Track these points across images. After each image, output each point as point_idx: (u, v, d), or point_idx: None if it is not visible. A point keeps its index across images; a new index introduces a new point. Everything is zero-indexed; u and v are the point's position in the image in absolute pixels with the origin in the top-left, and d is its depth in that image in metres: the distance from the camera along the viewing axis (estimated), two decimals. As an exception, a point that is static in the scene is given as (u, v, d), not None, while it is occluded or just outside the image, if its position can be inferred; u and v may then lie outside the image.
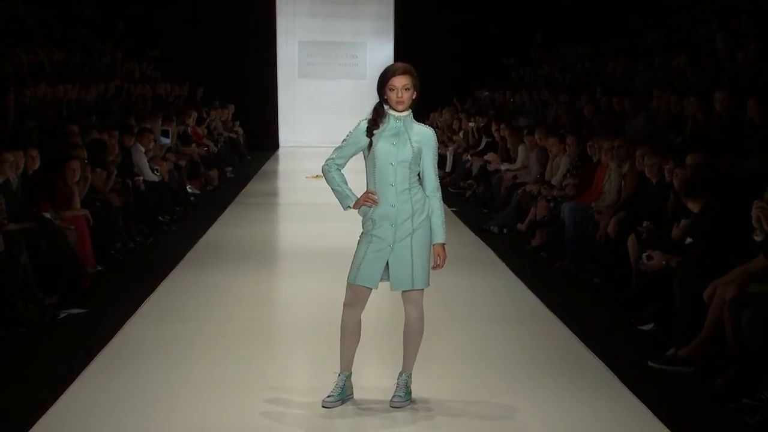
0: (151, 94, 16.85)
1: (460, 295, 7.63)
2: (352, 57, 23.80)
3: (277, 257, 9.95)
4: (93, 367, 5.61)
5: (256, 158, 19.85)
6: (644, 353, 5.97)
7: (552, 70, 17.96)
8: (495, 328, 6.65)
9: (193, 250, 9.46)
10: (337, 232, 10.90)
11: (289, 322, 6.90)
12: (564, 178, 10.20)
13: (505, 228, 10.81)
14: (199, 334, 6.35)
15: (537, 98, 16.18)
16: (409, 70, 4.85)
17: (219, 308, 7.13)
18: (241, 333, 6.42)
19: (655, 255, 6.51)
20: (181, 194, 12.69)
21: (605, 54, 16.14)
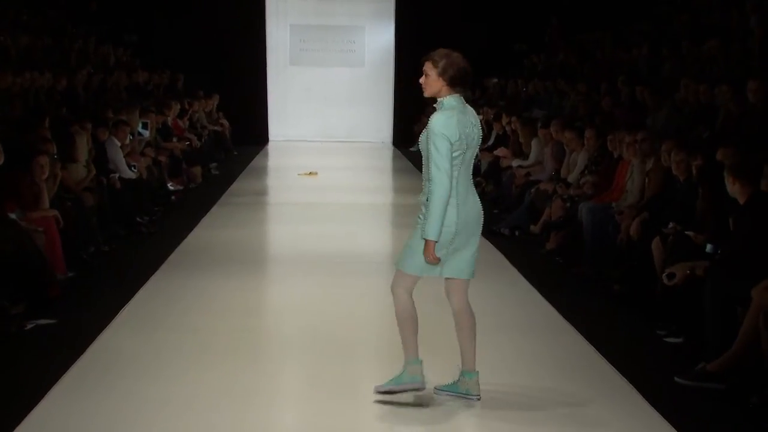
0: (127, 82, 16.85)
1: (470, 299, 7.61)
2: (349, 42, 23.81)
3: (267, 262, 9.94)
4: (63, 383, 5.59)
5: (243, 154, 19.84)
6: (671, 368, 5.96)
7: (569, 57, 17.97)
8: (505, 340, 6.64)
9: (175, 254, 9.45)
10: (333, 234, 10.90)
11: (281, 333, 6.89)
12: (582, 176, 10.20)
13: (517, 230, 10.81)
14: (182, 347, 6.34)
15: (552, 88, 16.18)
16: (430, 56, 5.12)
17: (203, 318, 7.11)
18: (229, 345, 6.41)
19: (677, 270, 6.47)
20: (161, 193, 12.68)
21: (627, 39, 16.15)
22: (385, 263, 9.67)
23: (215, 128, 19.24)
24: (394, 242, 11.09)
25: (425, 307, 5.60)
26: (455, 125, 4.94)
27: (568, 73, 16.68)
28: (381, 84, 23.73)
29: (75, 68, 14.76)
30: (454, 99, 5.04)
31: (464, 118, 5.01)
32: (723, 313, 5.83)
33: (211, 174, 16.35)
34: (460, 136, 4.94)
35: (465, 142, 4.98)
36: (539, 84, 16.95)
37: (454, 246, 5.15)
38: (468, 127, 5.01)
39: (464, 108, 5.06)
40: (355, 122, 23.85)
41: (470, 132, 5.01)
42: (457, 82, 5.02)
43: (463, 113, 5.03)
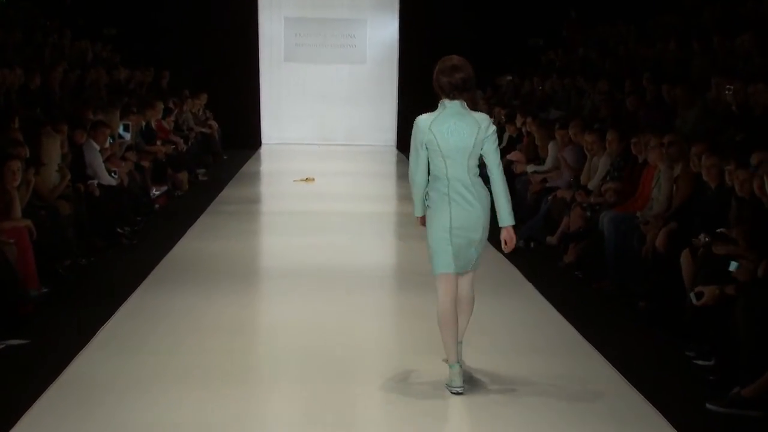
0: (107, 80, 16.86)
1: (479, 322, 7.59)
2: (348, 36, 23.84)
3: (260, 276, 9.94)
4: (35, 410, 5.58)
5: (233, 158, 19.84)
6: (702, 393, 5.95)
7: (588, 53, 17.97)
8: (520, 361, 6.64)
9: (159, 268, 9.45)
10: (331, 246, 10.89)
11: (275, 354, 6.88)
12: (603, 182, 10.18)
13: (533, 241, 10.80)
14: (166, 370, 6.33)
15: (570, 86, 16.17)
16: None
17: (189, 338, 7.11)
18: (217, 367, 6.40)
19: (707, 290, 6.45)
20: (144, 201, 12.68)
21: (653, 33, 16.15)
22: (388, 277, 9.67)
23: (203, 130, 19.25)
24: (398, 255, 11.09)
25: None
26: (428, 127, 5.96)
27: (588, 70, 16.67)
28: (384, 82, 23.74)
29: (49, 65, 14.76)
30: (443, 104, 5.99)
31: (446, 123, 5.94)
32: (758, 333, 5.81)
33: (199, 180, 16.35)
34: (429, 139, 5.96)
35: (437, 145, 5.93)
36: (556, 82, 16.94)
37: (455, 243, 6.02)
38: (445, 132, 5.93)
39: (455, 113, 5.97)
40: (355, 124, 23.86)
41: (446, 138, 5.93)
42: (443, 92, 6.00)
43: (451, 117, 5.95)
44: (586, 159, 10.98)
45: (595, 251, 9.20)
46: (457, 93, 5.98)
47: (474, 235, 6.05)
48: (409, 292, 8.70)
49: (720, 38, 12.76)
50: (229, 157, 19.90)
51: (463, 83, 5.99)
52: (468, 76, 6.02)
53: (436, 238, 6.04)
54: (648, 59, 14.87)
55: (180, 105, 18.20)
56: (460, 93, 5.99)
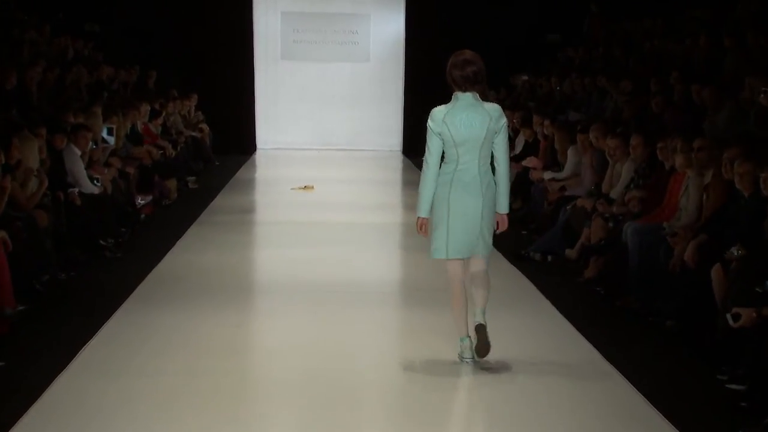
0: (89, 80, 16.89)
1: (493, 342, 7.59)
2: (350, 33, 23.87)
3: (255, 292, 9.93)
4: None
5: (226, 164, 19.86)
6: (734, 420, 5.94)
7: (611, 50, 17.98)
8: (537, 385, 6.62)
9: (145, 284, 9.45)
10: (332, 260, 10.89)
11: (271, 377, 6.88)
12: (627, 190, 10.18)
13: (550, 254, 10.79)
14: (152, 394, 6.33)
15: (591, 86, 16.18)
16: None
17: (178, 359, 7.10)
18: (208, 391, 6.39)
19: (744, 312, 6.44)
20: (129, 211, 12.69)
21: (681, 28, 16.15)
22: (394, 293, 9.66)
23: (193, 134, 19.28)
24: (404, 268, 11.08)
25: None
26: (441, 119, 6.80)
27: (611, 69, 16.68)
28: (388, 82, 23.77)
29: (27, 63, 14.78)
30: (456, 96, 6.85)
31: (460, 115, 6.77)
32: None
33: (189, 188, 16.36)
34: (442, 129, 6.78)
35: (450, 135, 6.77)
36: (576, 81, 16.95)
37: (453, 228, 6.84)
38: (458, 123, 6.76)
39: (468, 105, 6.81)
40: (358, 127, 23.89)
41: (458, 128, 6.76)
42: (455, 85, 6.85)
43: (464, 109, 6.79)
44: (608, 165, 10.98)
45: (617, 265, 9.17)
46: (469, 85, 6.82)
47: (474, 221, 6.85)
48: (416, 309, 8.69)
49: (754, 34, 12.75)
50: (222, 163, 19.92)
51: (475, 76, 6.81)
52: (479, 69, 6.84)
53: (436, 221, 6.91)
54: (676, 57, 14.88)
55: (168, 107, 18.22)
56: (472, 85, 6.83)
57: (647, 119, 12.46)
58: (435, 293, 8.80)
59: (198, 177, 17.40)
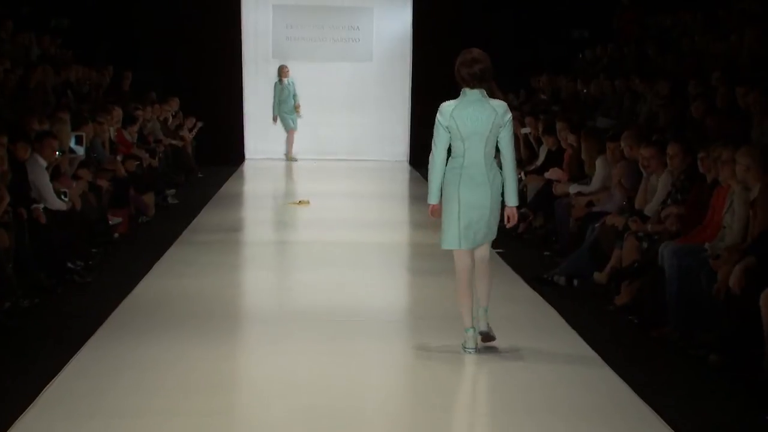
0: (56, 82, 16.91)
1: (512, 376, 7.58)
2: (351, 29, 23.93)
3: (244, 321, 9.91)
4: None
5: (211, 176, 19.87)
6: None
7: (645, 48, 17.99)
8: (563, 427, 6.60)
9: (119, 312, 9.43)
10: (331, 284, 10.88)
11: (263, 417, 6.86)
12: (663, 206, 10.17)
13: (576, 278, 10.78)
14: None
15: (623, 88, 16.18)
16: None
17: (156, 398, 7.08)
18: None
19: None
20: (101, 229, 12.68)
21: (724, 23, 16.16)
22: (400, 322, 9.64)
23: (173, 142, 19.31)
24: (412, 294, 11.06)
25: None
26: (449, 113, 7.99)
27: (645, 69, 16.69)
28: (394, 84, 23.81)
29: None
30: (465, 92, 8.00)
31: (467, 110, 7.96)
32: None
33: (168, 203, 16.36)
34: (450, 123, 7.98)
35: (457, 129, 7.97)
36: (605, 83, 16.96)
37: (464, 220, 7.99)
38: (465, 118, 7.95)
39: (474, 101, 7.96)
40: (359, 135, 23.91)
41: (465, 122, 7.95)
42: (463, 82, 7.99)
43: (471, 104, 7.96)
44: (641, 178, 10.97)
45: (653, 291, 9.16)
46: (477, 83, 7.97)
47: (483, 211, 8.02)
48: (426, 339, 8.65)
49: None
50: (206, 175, 19.93)
51: (482, 74, 7.97)
52: (486, 67, 7.99)
53: (447, 214, 8.07)
54: (718, 55, 14.88)
55: (145, 112, 18.24)
56: (479, 83, 7.98)
57: (686, 126, 12.45)
58: (446, 322, 8.79)
59: (179, 191, 17.41)
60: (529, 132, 16.00)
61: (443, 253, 8.36)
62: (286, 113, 23.47)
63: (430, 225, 13.93)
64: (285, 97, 23.43)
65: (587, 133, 13.28)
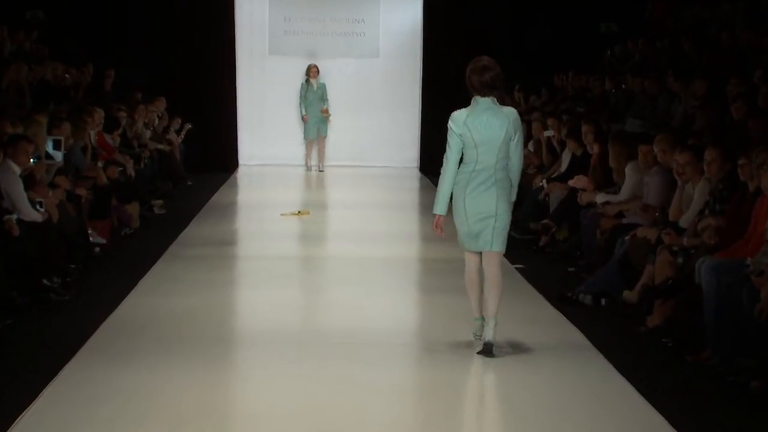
0: (31, 80, 16.93)
1: (534, 403, 7.57)
2: (355, 21, 23.94)
3: (235, 345, 9.90)
4: None
5: (201, 184, 19.87)
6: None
7: (680, 43, 17.98)
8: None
9: (99, 334, 9.43)
10: (331, 304, 10.87)
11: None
12: (700, 218, 10.15)
13: (604, 297, 10.77)
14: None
15: (656, 87, 16.16)
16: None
17: (140, 429, 7.07)
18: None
19: None
20: (80, 243, 12.68)
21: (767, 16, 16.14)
22: (409, 345, 9.62)
23: (160, 147, 19.30)
24: (423, 315, 11.04)
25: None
26: (462, 121, 8.73)
27: (680, 66, 16.68)
28: (402, 83, 23.81)
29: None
30: (476, 100, 8.76)
31: (479, 118, 8.70)
32: None
33: (154, 214, 16.36)
34: (463, 131, 8.72)
35: (471, 137, 8.70)
36: (636, 82, 16.95)
37: (472, 227, 8.79)
38: (479, 126, 8.69)
39: (486, 109, 8.71)
40: (364, 139, 23.89)
41: (479, 130, 8.69)
42: (474, 90, 8.74)
43: (484, 112, 8.70)
44: (676, 186, 10.95)
45: (689, 311, 9.14)
46: (488, 90, 8.74)
47: (489, 220, 8.76)
48: (437, 364, 8.65)
49: None
50: (195, 183, 19.93)
51: (493, 81, 8.73)
52: (497, 74, 8.74)
53: (457, 218, 8.93)
54: (761, 51, 14.86)
55: (129, 114, 18.23)
56: (490, 90, 8.75)
57: (725, 129, 12.43)
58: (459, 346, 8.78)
59: (166, 200, 17.40)
60: (552, 135, 16.00)
61: (456, 268, 8.36)
62: (311, 119, 23.35)
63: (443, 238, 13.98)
64: (311, 100, 23.30)
65: (616, 137, 13.26)
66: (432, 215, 8.94)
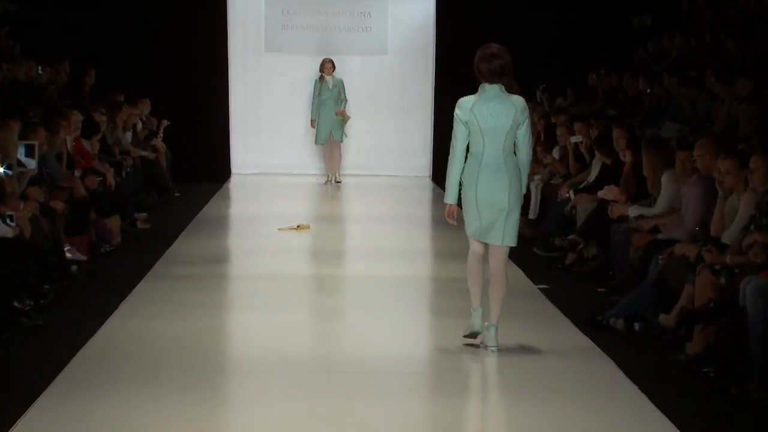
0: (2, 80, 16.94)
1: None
2: (361, 15, 23.99)
3: (227, 374, 9.89)
4: None
5: (190, 195, 19.89)
6: None
7: (721, 38, 17.97)
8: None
9: (76, 362, 9.42)
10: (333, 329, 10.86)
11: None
12: (746, 233, 10.13)
13: (638, 321, 10.75)
14: None
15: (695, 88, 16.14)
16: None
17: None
18: None
19: None
20: (56, 261, 12.67)
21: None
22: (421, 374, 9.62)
23: (144, 154, 19.31)
24: (436, 341, 11.01)
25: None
26: (469, 108, 9.51)
27: (721, 63, 16.67)
28: (413, 83, 23.86)
29: None
30: (484, 87, 9.53)
31: (487, 105, 9.47)
32: None
33: (137, 229, 16.36)
34: (469, 119, 9.51)
35: (477, 124, 9.47)
36: (673, 81, 16.93)
37: (484, 217, 9.51)
38: (485, 113, 9.45)
39: (494, 96, 9.49)
40: (371, 144, 23.92)
41: (486, 118, 9.46)
42: (483, 77, 9.53)
43: (491, 100, 9.47)
44: (718, 198, 10.93)
45: (733, 338, 9.12)
46: (496, 78, 9.50)
47: (500, 213, 9.48)
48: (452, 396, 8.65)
49: None
50: (183, 195, 19.94)
51: (501, 69, 9.48)
52: (506, 62, 9.49)
53: (467, 209, 9.64)
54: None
55: (110, 117, 18.24)
56: (498, 78, 9.50)
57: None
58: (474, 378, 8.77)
59: (150, 213, 17.42)
60: (580, 141, 15.98)
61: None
62: (323, 119, 22.94)
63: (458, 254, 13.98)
64: (326, 100, 22.89)
65: (650, 143, 13.23)
66: (444, 204, 9.80)
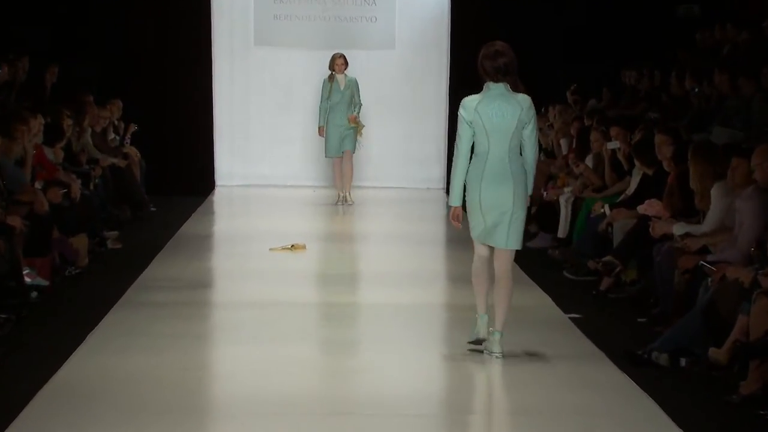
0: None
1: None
2: (365, 5, 24.00)
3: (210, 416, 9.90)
4: None
5: (168, 210, 19.90)
6: None
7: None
8: None
9: (38, 401, 9.43)
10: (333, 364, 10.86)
11: None
12: (808, 255, 10.14)
13: (684, 356, 10.74)
14: None
15: (750, 86, 16.15)
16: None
17: None
18: None
19: None
20: (13, 286, 12.68)
21: None
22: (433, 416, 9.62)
23: (114, 162, 19.32)
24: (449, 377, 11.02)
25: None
26: (473, 108, 10.35)
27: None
28: (425, 81, 23.88)
29: None
30: (488, 86, 10.36)
31: (491, 104, 10.29)
32: None
33: (107, 249, 16.37)
34: (474, 118, 10.34)
35: (482, 124, 10.31)
36: (724, 79, 16.93)
37: (488, 219, 10.39)
38: (490, 113, 10.29)
39: (499, 95, 10.31)
40: (377, 152, 23.93)
41: (490, 117, 10.30)
42: (487, 76, 10.36)
43: (496, 99, 10.29)
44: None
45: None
46: (501, 76, 10.30)
47: (504, 208, 10.33)
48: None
49: None
50: (160, 209, 19.95)
51: (506, 67, 10.28)
52: (510, 60, 10.28)
53: (471, 211, 10.46)
54: None
55: (77, 120, 18.27)
56: (503, 76, 10.31)
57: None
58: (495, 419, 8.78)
59: (122, 231, 17.43)
60: (618, 148, 15.96)
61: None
62: (333, 127, 22.00)
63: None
64: (336, 103, 21.97)
65: (698, 150, 13.22)
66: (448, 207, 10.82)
